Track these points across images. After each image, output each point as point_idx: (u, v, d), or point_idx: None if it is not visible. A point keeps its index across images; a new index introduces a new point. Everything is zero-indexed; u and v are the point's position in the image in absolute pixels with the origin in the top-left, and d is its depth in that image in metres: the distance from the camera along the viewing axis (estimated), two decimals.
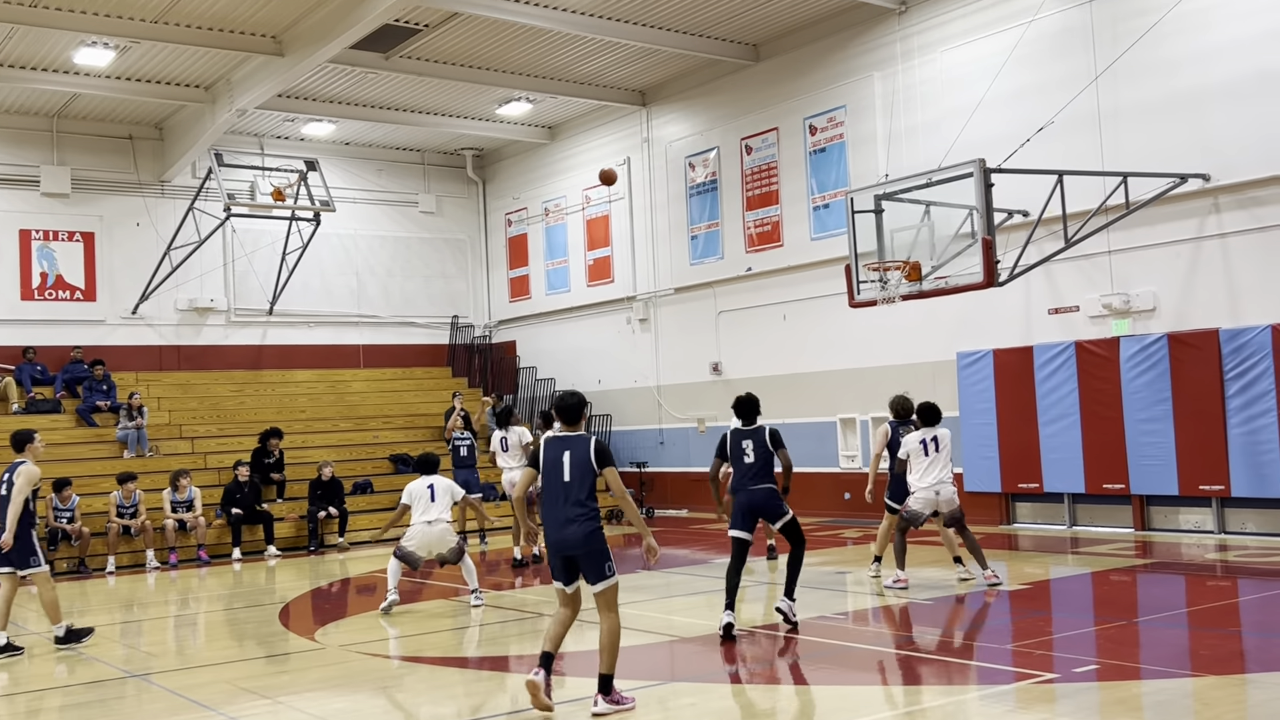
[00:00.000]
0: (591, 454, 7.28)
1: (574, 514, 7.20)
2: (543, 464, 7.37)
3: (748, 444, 9.82)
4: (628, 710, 7.08)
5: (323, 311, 24.03)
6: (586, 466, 7.25)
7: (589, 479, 7.26)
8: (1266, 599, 10.33)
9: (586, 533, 7.20)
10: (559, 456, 7.30)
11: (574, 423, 7.45)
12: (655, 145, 21.60)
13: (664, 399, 21.46)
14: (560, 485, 7.26)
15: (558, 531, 7.23)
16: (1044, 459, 15.56)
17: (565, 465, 7.26)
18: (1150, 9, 14.18)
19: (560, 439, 7.41)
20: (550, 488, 7.33)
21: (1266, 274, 13.52)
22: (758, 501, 9.76)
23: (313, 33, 16.87)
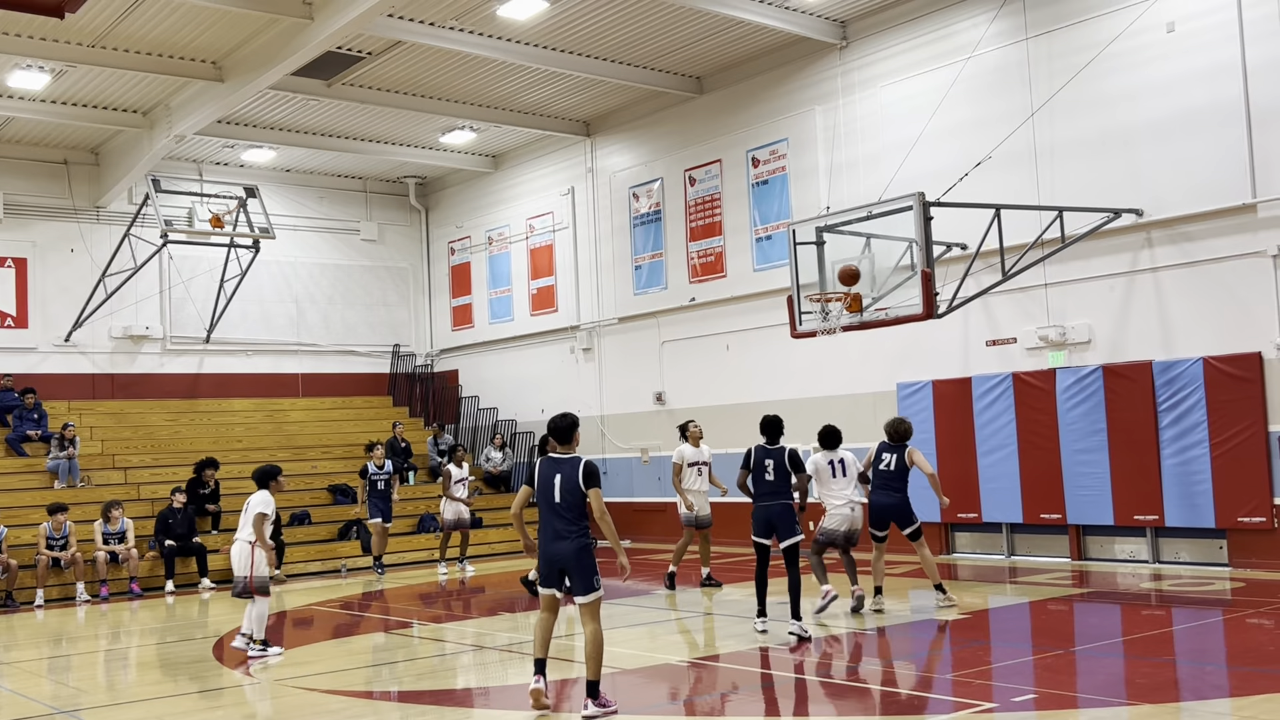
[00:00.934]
0: (580, 476, 7.93)
1: (565, 530, 7.88)
2: (538, 483, 8.03)
3: (770, 462, 10.92)
4: (612, 714, 7.68)
5: (261, 340, 23.73)
6: (575, 487, 7.90)
7: (578, 499, 7.91)
8: (1200, 628, 10.48)
9: (577, 549, 7.88)
10: (551, 477, 7.95)
11: (566, 442, 8.11)
12: (599, 175, 21.66)
13: (607, 429, 21.43)
14: (552, 504, 7.92)
15: (550, 545, 7.92)
16: (983, 489, 15.71)
17: (556, 486, 7.91)
18: (1084, 47, 14.50)
19: (554, 460, 8.06)
20: (544, 505, 8.00)
21: (1198, 307, 13.82)
22: (774, 515, 10.76)
23: (254, 59, 16.74)
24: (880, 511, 11.97)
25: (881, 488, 11.98)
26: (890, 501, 11.91)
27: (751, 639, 10.59)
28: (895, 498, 11.90)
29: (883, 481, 11.98)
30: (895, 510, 11.90)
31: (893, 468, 11.93)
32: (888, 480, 11.95)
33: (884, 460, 12.00)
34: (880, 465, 12.00)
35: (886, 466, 11.96)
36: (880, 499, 11.97)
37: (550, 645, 8.07)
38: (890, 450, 12.01)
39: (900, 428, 12.15)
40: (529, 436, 22.61)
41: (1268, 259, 13.19)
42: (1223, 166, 13.46)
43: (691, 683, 9.11)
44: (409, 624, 12.84)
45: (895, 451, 11.98)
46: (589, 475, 7.94)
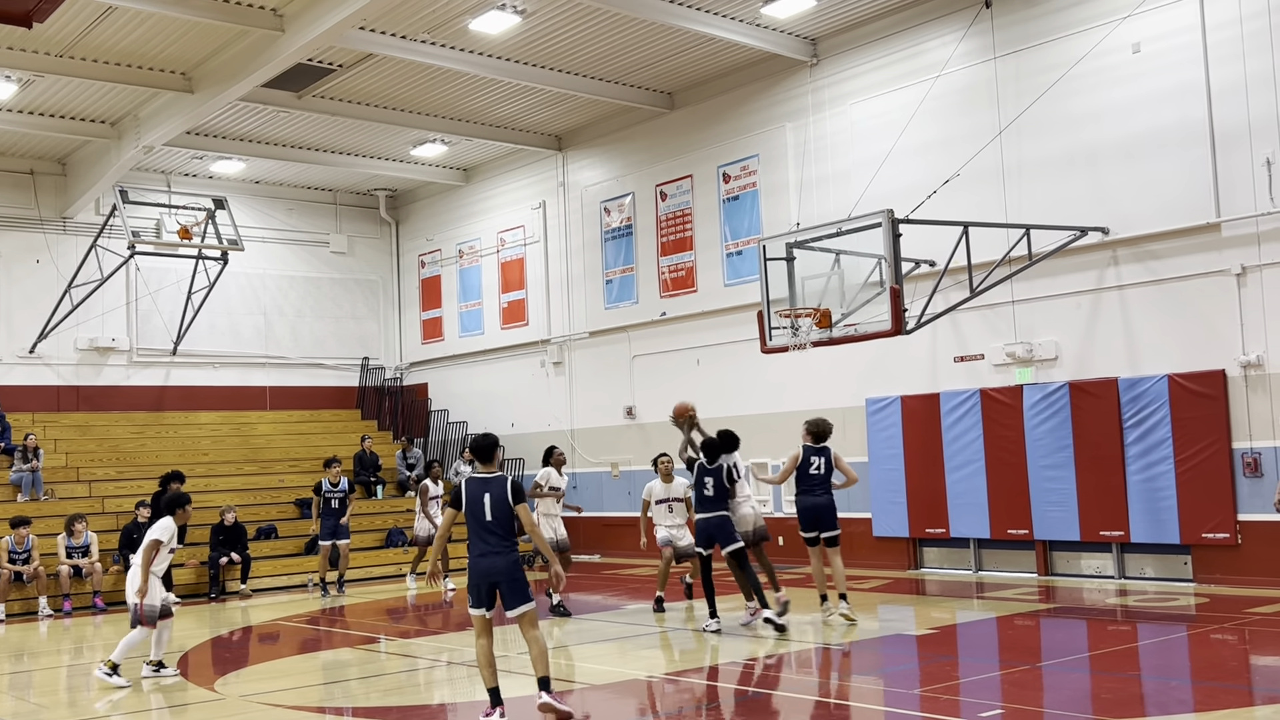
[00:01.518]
0: (509, 492, 8.15)
1: (497, 546, 8.10)
2: (466, 503, 8.16)
3: (709, 479, 11.87)
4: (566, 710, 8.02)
5: (229, 352, 23.57)
6: (504, 504, 8.12)
7: (507, 515, 8.13)
8: (1165, 643, 10.57)
9: (509, 563, 8.10)
10: (480, 496, 8.13)
11: (489, 461, 8.32)
12: (571, 190, 21.68)
13: (578, 443, 21.39)
14: (483, 522, 8.11)
15: (481, 564, 8.09)
16: (950, 504, 15.79)
17: (486, 504, 8.10)
18: (1051, 67, 14.66)
19: (480, 479, 8.24)
20: (473, 524, 8.16)
21: (1163, 325, 13.96)
22: (712, 527, 11.76)
23: (223, 70, 16.66)
24: (814, 512, 12.07)
25: (809, 491, 12.11)
26: (823, 502, 12.08)
27: (727, 655, 10.59)
28: (827, 499, 12.12)
29: (811, 485, 12.11)
30: (827, 511, 12.08)
31: (823, 470, 12.12)
32: (818, 483, 12.10)
33: (813, 464, 12.13)
34: (810, 469, 12.12)
35: (817, 470, 12.10)
36: (814, 500, 12.08)
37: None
38: (818, 453, 12.16)
39: (825, 428, 12.36)
40: (499, 451, 22.51)
41: (1231, 278, 13.35)
42: (1188, 186, 13.62)
43: (658, 699, 9.09)
44: (376, 639, 12.76)
45: (823, 454, 12.16)
46: (517, 492, 8.21)
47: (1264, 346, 13.12)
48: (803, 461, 12.19)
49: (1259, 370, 13.15)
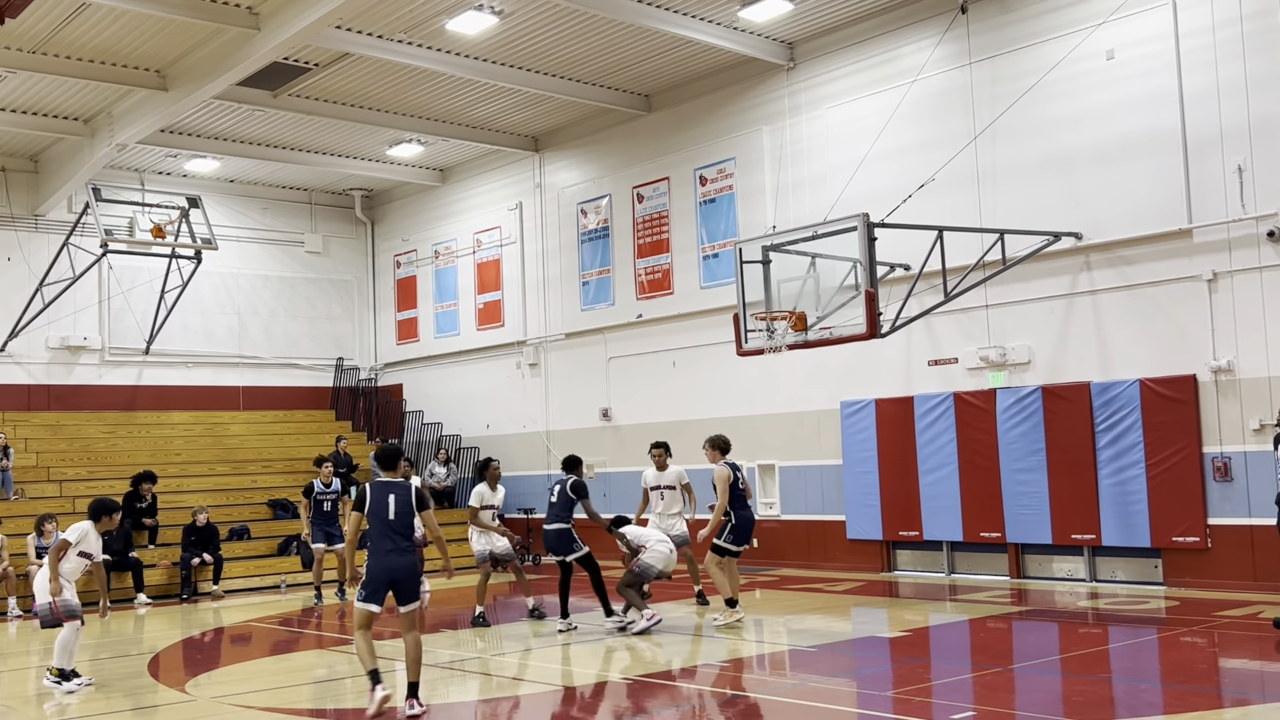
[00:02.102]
0: (413, 498, 8.82)
1: (401, 546, 8.69)
2: (370, 506, 8.75)
3: (556, 488, 12.47)
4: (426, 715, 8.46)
5: (202, 352, 23.43)
6: (408, 507, 8.77)
7: (409, 518, 8.77)
8: (1135, 646, 10.65)
9: (411, 563, 8.75)
10: (384, 499, 8.74)
11: (392, 469, 8.97)
12: (548, 191, 21.66)
13: (553, 444, 21.37)
14: (387, 523, 8.69)
15: (386, 560, 8.64)
16: (924, 507, 15.86)
17: (390, 506, 8.72)
18: (1026, 73, 14.76)
19: (384, 484, 8.86)
20: (377, 525, 8.73)
21: (1135, 330, 14.07)
22: (550, 537, 12.57)
23: (198, 68, 16.56)
24: (750, 526, 12.53)
25: (745, 506, 12.51)
26: (753, 517, 12.70)
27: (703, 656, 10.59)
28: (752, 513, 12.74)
29: (744, 500, 12.54)
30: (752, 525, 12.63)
31: (746, 484, 12.79)
32: (743, 498, 12.55)
33: (741, 479, 12.56)
34: (739, 485, 12.47)
35: (743, 484, 12.59)
36: (750, 514, 12.57)
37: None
38: (736, 467, 12.62)
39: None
40: (474, 452, 22.49)
41: (1203, 283, 13.47)
42: (1160, 192, 13.74)
43: (634, 700, 9.09)
44: (349, 640, 12.70)
45: (738, 469, 12.69)
46: (420, 499, 8.87)
47: (1234, 352, 13.25)
48: (734, 479, 12.42)
49: (1229, 375, 13.28)
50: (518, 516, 21.58)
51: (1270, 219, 12.92)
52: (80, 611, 10.46)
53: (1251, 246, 13.11)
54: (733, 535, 12.30)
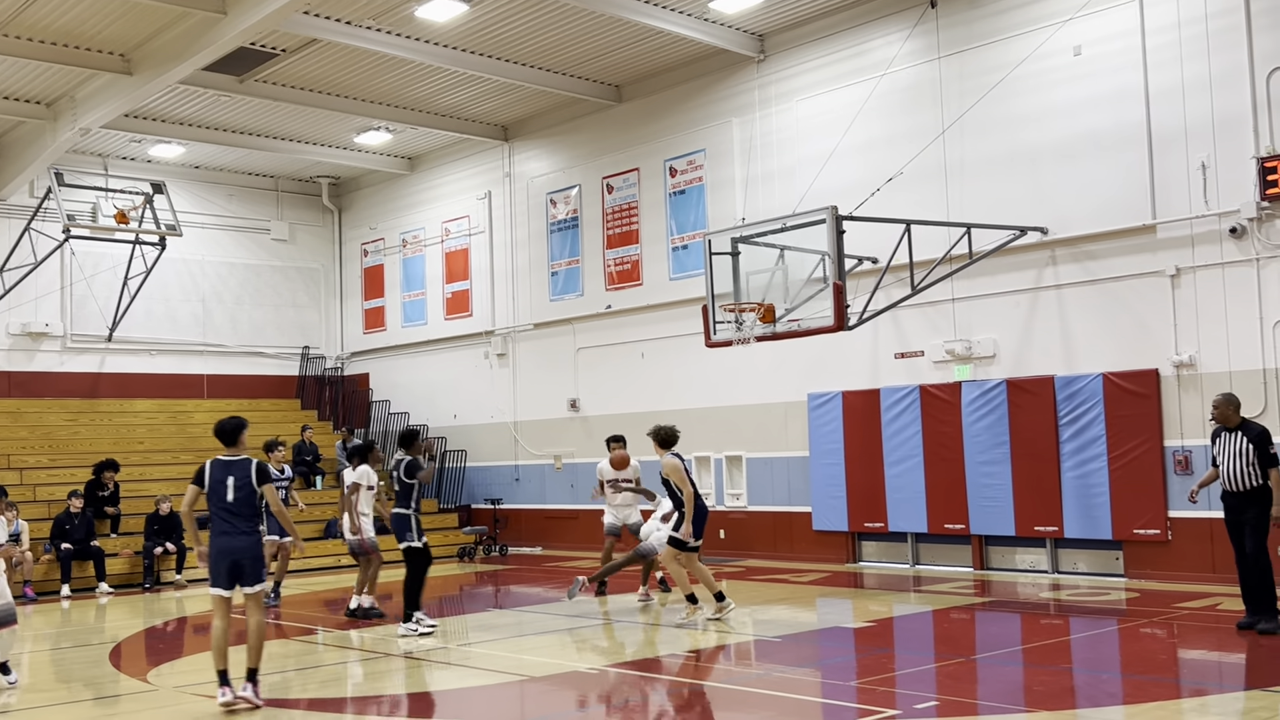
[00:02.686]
0: (253, 475, 8.57)
1: (242, 527, 8.50)
2: (209, 484, 8.56)
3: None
4: (259, 706, 8.33)
5: (166, 339, 23.21)
6: (248, 486, 8.53)
7: (251, 497, 8.53)
8: (1096, 637, 10.77)
9: (252, 543, 8.54)
10: (224, 478, 8.53)
11: (233, 445, 8.71)
12: (517, 180, 21.59)
13: (521, 435, 21.34)
14: (225, 503, 8.49)
15: (227, 541, 8.47)
16: (889, 499, 15.96)
17: (229, 486, 8.51)
18: (994, 68, 14.84)
19: (224, 462, 8.64)
20: (216, 505, 8.53)
21: (1099, 325, 14.20)
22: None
23: (164, 52, 16.37)
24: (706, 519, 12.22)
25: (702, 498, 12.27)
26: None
27: (666, 648, 10.62)
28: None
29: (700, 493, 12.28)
30: None
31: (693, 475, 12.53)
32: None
33: (691, 472, 12.39)
34: (691, 475, 12.25)
35: (695, 476, 12.53)
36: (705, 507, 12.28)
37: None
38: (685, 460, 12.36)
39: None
40: (440, 442, 22.42)
41: (1166, 279, 13.61)
42: (1125, 188, 13.87)
43: (598, 691, 9.10)
44: (314, 630, 12.65)
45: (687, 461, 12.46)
46: (261, 473, 8.60)
47: (1196, 347, 13.40)
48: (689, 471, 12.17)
49: (1191, 370, 13.43)
50: (484, 507, 21.57)
51: (1232, 215, 13.07)
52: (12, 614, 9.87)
53: (1214, 243, 13.26)
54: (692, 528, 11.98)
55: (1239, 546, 10.33)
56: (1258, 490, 10.19)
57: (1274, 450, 10.24)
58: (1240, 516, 10.28)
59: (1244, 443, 10.23)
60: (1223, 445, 10.40)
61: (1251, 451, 10.18)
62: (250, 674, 8.45)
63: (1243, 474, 10.22)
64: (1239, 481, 10.25)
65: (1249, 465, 10.18)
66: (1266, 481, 10.15)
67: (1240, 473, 10.23)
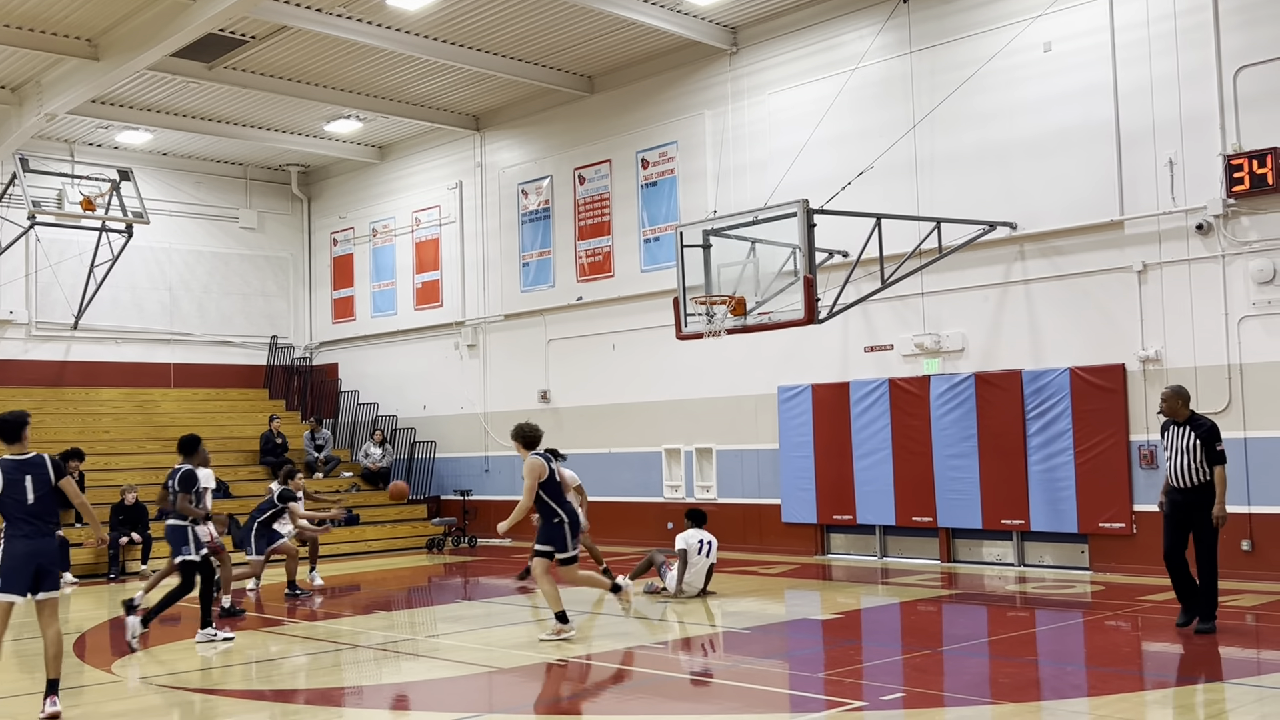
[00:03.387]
0: (50, 473, 8.09)
1: (44, 529, 8.03)
2: (4, 487, 7.97)
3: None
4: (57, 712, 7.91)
5: (132, 328, 23.00)
6: (47, 484, 8.05)
7: (50, 497, 8.07)
8: (1061, 629, 10.86)
9: (53, 546, 8.12)
10: (21, 479, 8.00)
11: (16, 441, 8.14)
12: (488, 170, 21.50)
13: (491, 426, 21.29)
14: (25, 506, 7.97)
15: (29, 544, 7.94)
16: (858, 491, 16.03)
17: (28, 488, 7.99)
18: (965, 63, 14.90)
19: (17, 462, 8.06)
20: (14, 509, 7.98)
21: (1066, 320, 14.31)
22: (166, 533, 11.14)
23: (131, 38, 16.20)
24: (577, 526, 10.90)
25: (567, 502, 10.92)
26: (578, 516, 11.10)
27: (635, 638, 10.62)
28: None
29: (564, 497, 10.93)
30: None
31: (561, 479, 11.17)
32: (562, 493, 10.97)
33: (556, 472, 10.93)
34: (555, 477, 10.79)
35: (560, 479, 10.99)
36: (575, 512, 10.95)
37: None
38: (552, 460, 11.06)
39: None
40: (410, 433, 22.34)
41: (1133, 274, 13.73)
42: (1093, 184, 13.96)
43: (567, 681, 9.11)
44: (281, 622, 12.58)
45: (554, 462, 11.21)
46: (58, 468, 8.18)
47: (1162, 342, 13.52)
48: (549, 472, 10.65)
49: (1157, 365, 13.55)
50: (453, 498, 21.52)
51: (1199, 212, 13.18)
52: None
53: (1180, 239, 13.38)
54: (562, 536, 10.54)
55: (1174, 542, 9.94)
56: (1204, 487, 9.83)
57: (1221, 447, 9.88)
58: (1184, 514, 9.91)
59: (1192, 438, 9.86)
60: (1170, 439, 10.04)
61: (1199, 447, 9.82)
62: (51, 686, 7.92)
63: (1189, 470, 9.85)
64: (1185, 477, 9.87)
65: (1196, 461, 9.83)
66: (1213, 478, 9.80)
67: (1186, 468, 9.86)
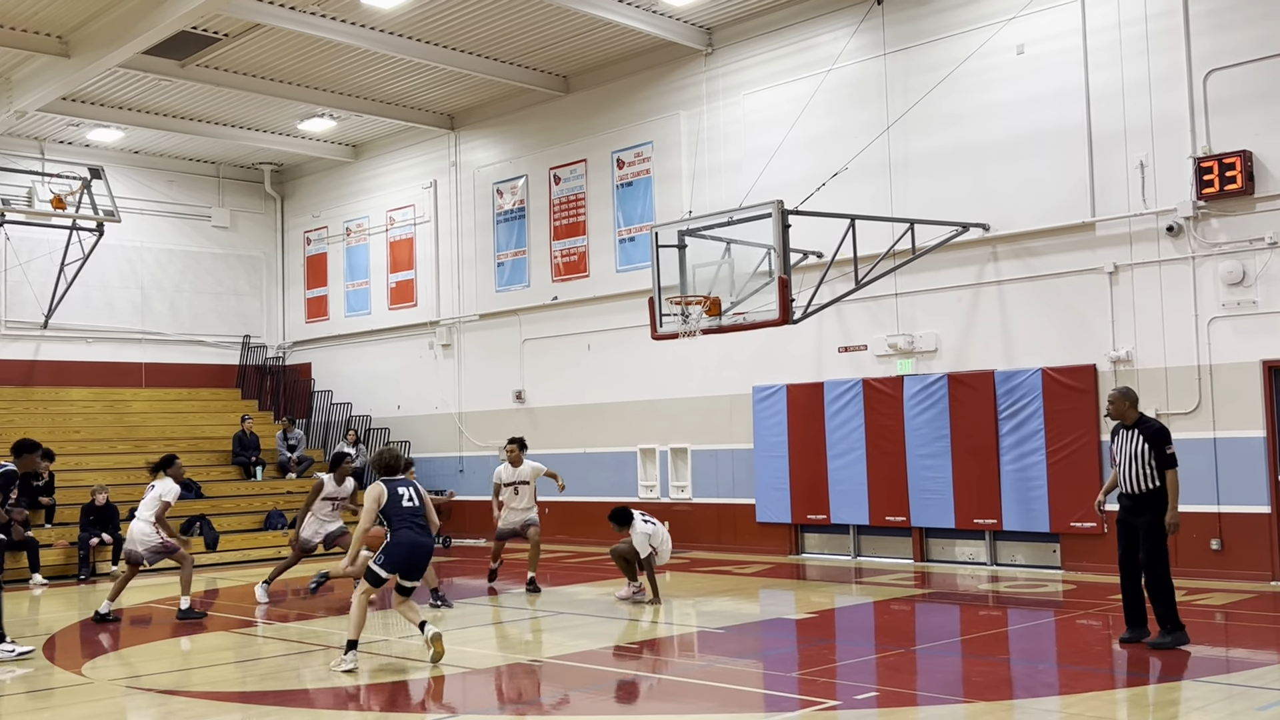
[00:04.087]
0: None
1: None
2: None
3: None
4: None
5: (103, 327, 22.82)
6: None
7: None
8: (1033, 628, 10.93)
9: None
10: None
11: None
12: (463, 170, 21.45)
13: (465, 426, 21.24)
14: None
15: None
16: (832, 491, 16.08)
17: None
18: (938, 65, 14.98)
19: None
20: None
21: (1038, 320, 14.41)
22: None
23: (103, 35, 16.07)
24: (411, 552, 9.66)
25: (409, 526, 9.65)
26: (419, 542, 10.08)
27: (606, 639, 10.63)
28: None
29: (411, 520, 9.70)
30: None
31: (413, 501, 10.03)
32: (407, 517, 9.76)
33: (407, 495, 9.80)
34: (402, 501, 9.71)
35: (409, 501, 9.79)
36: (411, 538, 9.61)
37: None
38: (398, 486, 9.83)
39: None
40: (383, 433, 22.26)
41: (1104, 275, 13.83)
42: (1065, 186, 14.06)
43: (537, 682, 9.10)
44: (253, 623, 12.51)
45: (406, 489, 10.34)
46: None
47: (1133, 343, 13.63)
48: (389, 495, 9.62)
49: (1127, 365, 13.66)
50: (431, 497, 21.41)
51: (1170, 214, 13.30)
52: None
53: (1151, 240, 13.49)
54: (384, 557, 9.48)
55: (1126, 551, 9.60)
56: (1154, 493, 9.38)
57: (1172, 450, 9.42)
58: (1135, 520, 9.51)
59: (1140, 442, 9.41)
60: (1120, 444, 9.59)
61: (1148, 451, 9.36)
62: None
63: (1139, 475, 9.41)
64: (1135, 483, 9.43)
65: (1145, 466, 9.38)
66: (1163, 484, 9.35)
67: (1136, 474, 9.42)
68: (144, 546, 12.52)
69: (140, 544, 12.53)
